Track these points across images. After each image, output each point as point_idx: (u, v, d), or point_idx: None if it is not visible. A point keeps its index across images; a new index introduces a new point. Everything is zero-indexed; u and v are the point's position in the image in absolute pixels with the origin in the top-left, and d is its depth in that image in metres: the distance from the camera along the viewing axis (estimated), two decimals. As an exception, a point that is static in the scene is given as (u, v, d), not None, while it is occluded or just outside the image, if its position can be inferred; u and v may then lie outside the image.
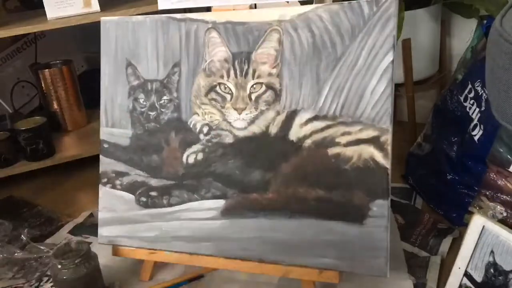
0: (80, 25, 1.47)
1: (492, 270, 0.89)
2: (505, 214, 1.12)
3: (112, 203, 1.02)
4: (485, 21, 1.31)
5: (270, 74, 0.91)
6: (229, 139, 0.94)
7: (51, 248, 1.20)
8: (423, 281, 1.01)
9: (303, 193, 0.88)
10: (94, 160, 1.08)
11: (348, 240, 0.85)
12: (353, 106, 0.86)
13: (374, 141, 0.84)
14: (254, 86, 0.92)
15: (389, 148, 0.83)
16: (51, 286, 1.10)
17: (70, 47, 1.98)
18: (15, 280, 1.14)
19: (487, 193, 1.14)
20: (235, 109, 0.93)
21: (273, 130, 0.91)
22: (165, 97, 0.99)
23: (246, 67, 0.92)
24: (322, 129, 0.88)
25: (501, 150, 1.09)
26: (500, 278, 0.88)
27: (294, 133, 0.90)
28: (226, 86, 0.94)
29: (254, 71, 0.92)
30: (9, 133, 1.57)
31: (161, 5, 1.04)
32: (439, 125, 1.32)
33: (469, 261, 0.90)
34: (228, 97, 0.94)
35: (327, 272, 0.87)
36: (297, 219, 0.89)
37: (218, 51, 0.95)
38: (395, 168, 1.36)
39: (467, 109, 1.20)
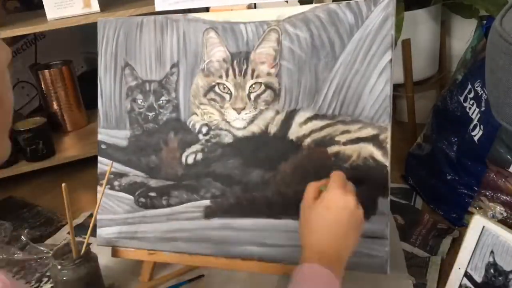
0: (80, 26, 1.47)
1: (492, 271, 0.89)
2: (505, 215, 1.12)
3: (110, 204, 1.02)
4: (485, 22, 1.31)
5: (269, 74, 0.91)
6: (228, 139, 0.94)
7: (51, 249, 1.20)
8: (423, 281, 1.00)
9: (303, 192, 0.88)
10: (94, 161, 1.08)
11: (347, 240, 0.85)
12: (352, 105, 0.86)
13: (373, 140, 0.84)
14: (253, 85, 0.92)
15: (388, 146, 0.83)
16: (51, 287, 1.10)
17: (70, 47, 1.98)
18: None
19: (487, 193, 1.14)
20: (234, 109, 0.93)
21: (273, 129, 0.91)
22: (163, 98, 0.99)
23: (244, 67, 0.92)
24: (322, 128, 0.88)
25: (501, 151, 1.09)
26: (500, 278, 0.88)
27: (294, 132, 0.90)
28: (225, 86, 0.94)
29: (253, 71, 0.92)
30: (9, 134, 1.57)
31: (159, 6, 1.04)
32: (439, 126, 1.31)
33: (469, 261, 0.90)
34: (227, 97, 0.94)
35: (327, 271, 0.87)
36: (297, 218, 0.88)
37: (216, 51, 0.94)
38: (395, 168, 1.36)
39: (467, 110, 1.20)
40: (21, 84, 1.95)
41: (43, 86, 1.74)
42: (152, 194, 0.99)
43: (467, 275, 0.91)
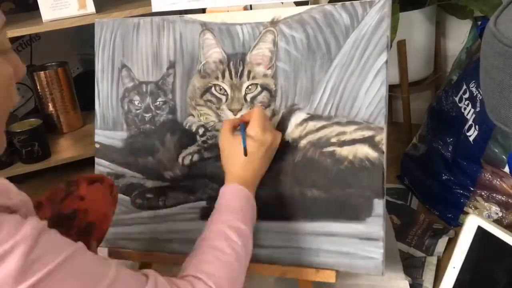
0: (75, 27, 1.47)
1: (486, 270, 0.89)
2: (500, 214, 1.13)
3: (107, 205, 1.02)
4: (479, 22, 1.31)
5: (265, 75, 0.91)
6: (224, 140, 0.94)
7: (46, 250, 1.19)
8: (419, 281, 1.01)
9: (299, 193, 0.88)
10: (90, 162, 1.08)
11: (344, 239, 0.85)
12: (348, 106, 0.86)
13: (369, 141, 0.84)
14: (249, 87, 0.92)
15: (384, 147, 0.84)
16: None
17: (66, 49, 1.97)
18: (11, 283, 1.14)
19: (482, 193, 1.14)
20: (231, 110, 0.93)
21: (269, 131, 0.91)
22: (160, 99, 0.99)
23: (241, 68, 0.93)
24: (318, 129, 0.88)
25: (496, 151, 1.09)
26: (495, 278, 0.89)
27: (290, 134, 0.90)
28: (221, 87, 0.94)
29: (249, 72, 0.92)
30: (4, 136, 1.57)
31: (155, 7, 1.04)
32: (434, 126, 1.32)
33: (464, 261, 0.90)
34: (224, 98, 0.94)
35: (324, 271, 0.87)
36: (293, 219, 0.89)
37: (212, 52, 0.95)
38: (390, 169, 1.36)
39: (462, 110, 1.21)
40: (16, 86, 1.94)
41: (38, 87, 1.73)
42: (149, 195, 0.99)
43: (461, 274, 0.91)
